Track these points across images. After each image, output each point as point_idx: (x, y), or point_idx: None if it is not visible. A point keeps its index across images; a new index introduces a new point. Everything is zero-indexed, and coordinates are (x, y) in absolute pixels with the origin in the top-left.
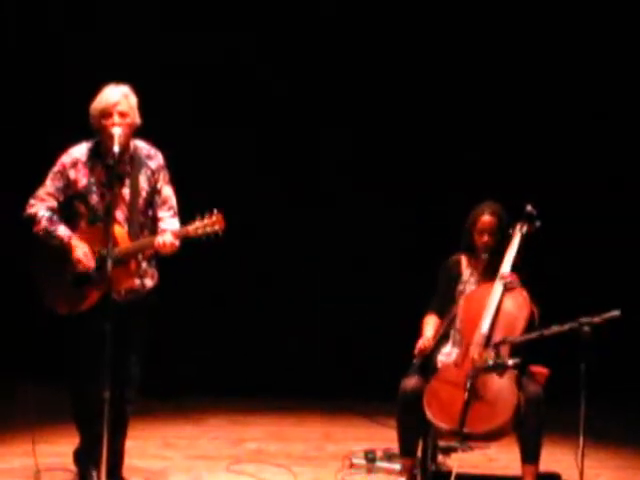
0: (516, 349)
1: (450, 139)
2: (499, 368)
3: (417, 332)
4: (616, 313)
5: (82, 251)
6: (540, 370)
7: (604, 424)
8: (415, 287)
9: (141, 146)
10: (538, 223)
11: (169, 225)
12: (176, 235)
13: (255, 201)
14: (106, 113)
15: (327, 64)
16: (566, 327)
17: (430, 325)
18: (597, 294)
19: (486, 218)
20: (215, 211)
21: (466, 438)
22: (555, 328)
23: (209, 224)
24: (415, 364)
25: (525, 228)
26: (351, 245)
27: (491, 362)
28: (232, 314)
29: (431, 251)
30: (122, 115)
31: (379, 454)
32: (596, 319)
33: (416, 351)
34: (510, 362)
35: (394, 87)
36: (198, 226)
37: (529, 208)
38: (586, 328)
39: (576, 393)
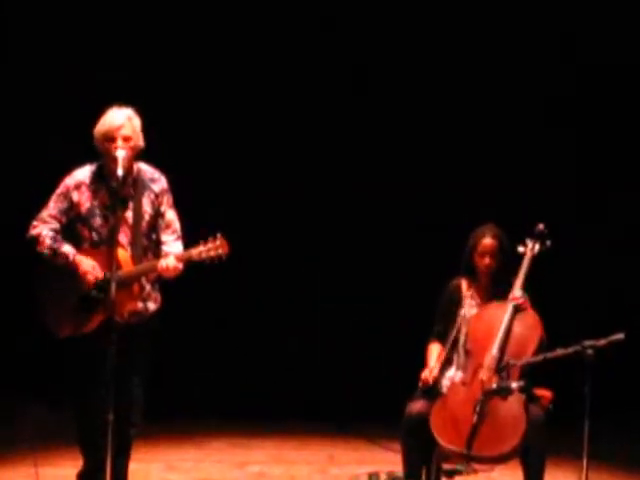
0: (525, 373)
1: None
2: (503, 392)
3: (421, 355)
4: (620, 336)
5: (89, 265)
6: (544, 393)
7: (608, 447)
8: (418, 312)
9: (145, 169)
10: (549, 242)
11: (173, 248)
12: (179, 259)
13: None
14: (110, 136)
15: None
16: (570, 350)
17: (434, 354)
18: (600, 316)
19: (487, 241)
20: (219, 235)
21: (472, 461)
22: (559, 351)
23: (213, 248)
24: (417, 391)
25: (537, 247)
26: (354, 274)
27: (495, 386)
28: (235, 338)
29: (430, 281)
30: (126, 139)
31: (383, 477)
32: (600, 342)
33: (420, 383)
34: (514, 385)
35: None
36: (202, 250)
37: (541, 227)
38: (590, 351)
39: (580, 415)
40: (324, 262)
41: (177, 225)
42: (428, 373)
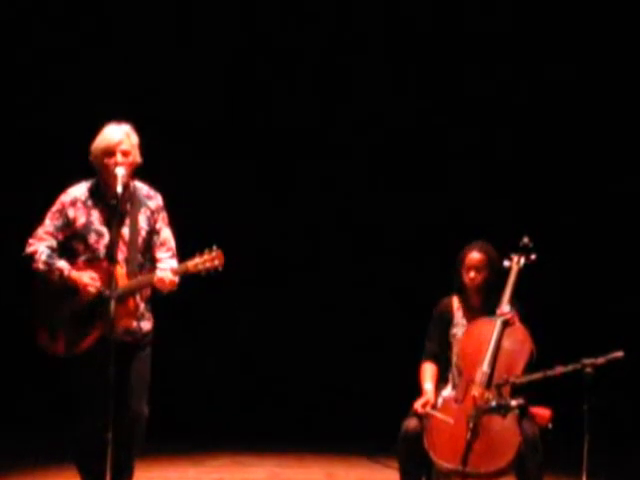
0: (518, 389)
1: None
2: (502, 410)
3: (416, 370)
4: (619, 354)
5: (88, 275)
6: (542, 412)
7: (607, 465)
8: (413, 328)
9: (140, 186)
10: (534, 255)
11: (168, 265)
12: (175, 272)
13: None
14: (109, 152)
15: None
16: (569, 368)
17: (428, 376)
18: (599, 334)
19: (474, 255)
20: (214, 247)
21: (468, 477)
22: (558, 369)
23: (209, 260)
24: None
25: (522, 261)
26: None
27: (494, 403)
28: (234, 356)
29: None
30: (124, 154)
31: None
32: (599, 360)
33: (418, 410)
34: (514, 403)
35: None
36: (198, 262)
37: (525, 240)
38: (589, 369)
39: (579, 433)
40: (320, 278)
41: (172, 243)
42: (421, 407)
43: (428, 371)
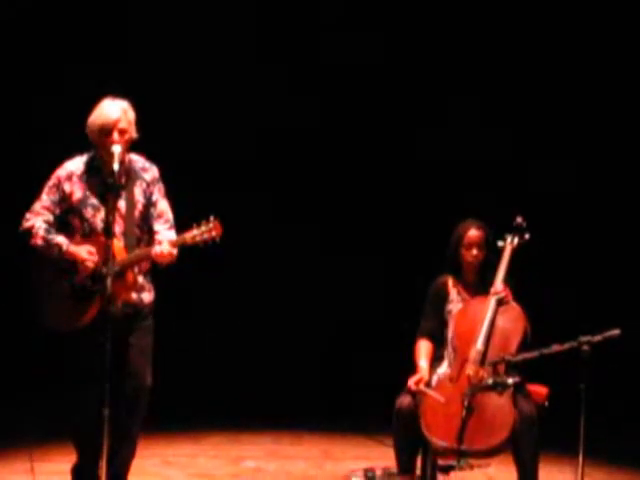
0: (514, 366)
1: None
2: (499, 387)
3: (412, 346)
4: (616, 332)
5: (85, 250)
6: (539, 389)
7: (604, 443)
8: (410, 305)
9: (136, 159)
10: (527, 235)
11: (166, 237)
12: (173, 244)
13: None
14: (106, 130)
15: None
16: (566, 346)
17: (423, 353)
18: (597, 311)
19: (473, 232)
20: (212, 218)
21: (463, 455)
22: (555, 347)
23: (206, 231)
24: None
25: (515, 240)
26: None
27: (491, 381)
28: (231, 333)
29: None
30: (122, 132)
31: (378, 473)
32: (596, 338)
33: (413, 386)
34: (510, 381)
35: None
36: (195, 234)
37: (519, 220)
38: (586, 347)
39: (576, 411)
40: (319, 282)
41: (169, 215)
42: (414, 384)
43: (423, 348)
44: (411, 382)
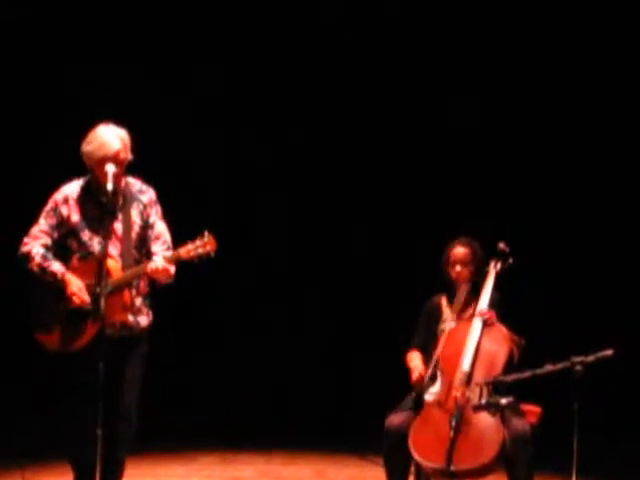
0: (505, 387)
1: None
2: (493, 407)
3: (404, 366)
4: (609, 352)
5: (76, 286)
6: (532, 409)
7: (597, 462)
8: (402, 323)
9: (132, 182)
10: (511, 260)
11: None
12: (168, 260)
13: None
14: (106, 161)
15: None
16: (559, 367)
17: (415, 357)
18: (589, 331)
19: (458, 250)
20: (206, 233)
21: (453, 476)
22: (548, 367)
23: (201, 246)
24: (402, 402)
25: (499, 266)
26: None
27: (484, 401)
28: (223, 355)
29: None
30: (121, 163)
31: None
32: (589, 358)
33: (414, 382)
34: (504, 401)
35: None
36: (190, 248)
37: (501, 246)
38: (578, 367)
39: (569, 431)
40: (309, 303)
41: (167, 236)
42: (417, 374)
43: (414, 355)
44: (413, 379)
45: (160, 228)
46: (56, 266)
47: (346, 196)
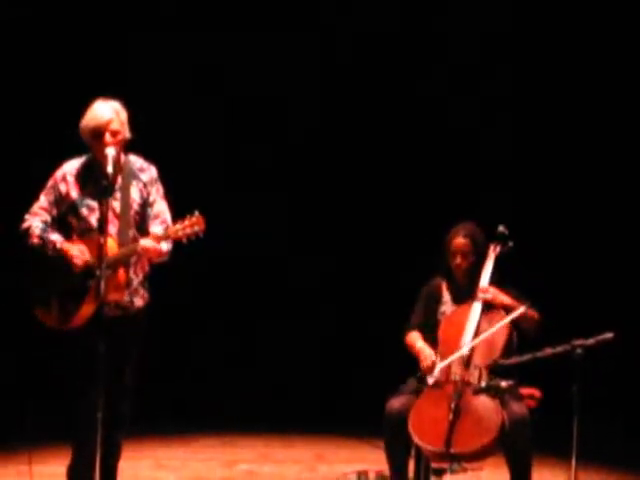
0: (506, 370)
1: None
2: (493, 391)
3: (402, 350)
4: (609, 335)
5: (77, 249)
6: (532, 392)
7: (596, 445)
8: (399, 307)
9: (133, 160)
10: (511, 243)
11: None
12: (156, 238)
13: None
14: (98, 132)
15: None
16: (559, 350)
17: (417, 337)
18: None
19: (459, 240)
20: (196, 212)
21: (453, 459)
22: (548, 350)
23: (189, 225)
24: (404, 385)
25: (498, 249)
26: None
27: (484, 384)
28: (223, 337)
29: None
30: (114, 134)
31: (371, 476)
32: (589, 341)
33: (425, 369)
34: (504, 384)
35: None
36: (178, 228)
37: (501, 229)
38: (579, 350)
39: (568, 414)
40: (308, 289)
41: (166, 215)
42: (430, 362)
43: (415, 335)
44: (425, 367)
45: (160, 207)
46: (55, 236)
47: (346, 196)
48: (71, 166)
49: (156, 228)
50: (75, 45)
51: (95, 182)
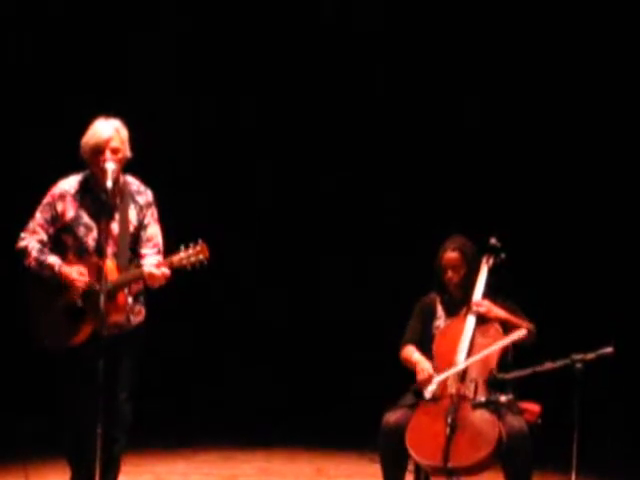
0: (502, 383)
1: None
2: (491, 405)
3: (399, 364)
4: (609, 350)
5: (76, 271)
6: (532, 407)
7: (597, 460)
8: (397, 320)
9: (131, 181)
10: (503, 255)
11: (154, 260)
12: (160, 266)
13: None
14: (99, 149)
15: None
16: (559, 364)
17: (413, 350)
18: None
19: (449, 255)
20: (199, 241)
21: (451, 473)
22: (548, 365)
23: (193, 254)
24: (401, 399)
25: (491, 261)
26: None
27: (484, 399)
28: (223, 351)
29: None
30: (114, 151)
31: None
32: (589, 356)
33: (421, 382)
34: (503, 398)
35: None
36: (182, 256)
37: (492, 241)
38: (579, 365)
39: (569, 428)
40: (308, 304)
41: (159, 239)
42: (427, 375)
43: (411, 348)
44: (422, 380)
45: (153, 230)
46: (53, 259)
47: (348, 197)
48: (69, 184)
49: (147, 250)
50: (75, 45)
51: (93, 201)
